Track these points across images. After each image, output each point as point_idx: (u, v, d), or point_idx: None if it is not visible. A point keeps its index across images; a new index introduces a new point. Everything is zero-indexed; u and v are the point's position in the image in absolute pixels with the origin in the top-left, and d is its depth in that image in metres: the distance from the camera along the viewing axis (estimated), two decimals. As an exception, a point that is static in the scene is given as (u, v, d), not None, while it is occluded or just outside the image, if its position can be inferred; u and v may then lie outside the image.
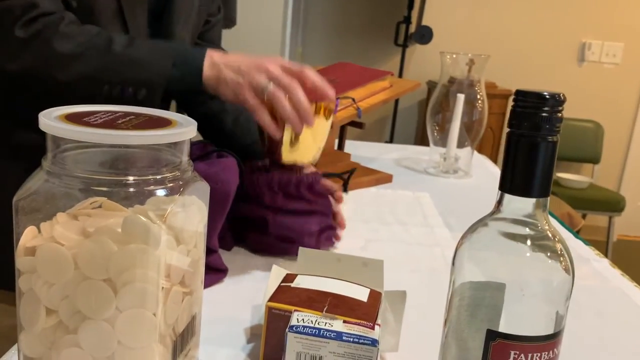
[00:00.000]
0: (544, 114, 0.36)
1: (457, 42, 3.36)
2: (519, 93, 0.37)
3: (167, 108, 0.93)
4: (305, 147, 0.78)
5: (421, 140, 3.26)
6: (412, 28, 3.19)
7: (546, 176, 0.37)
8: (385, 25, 3.37)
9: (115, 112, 0.43)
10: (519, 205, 0.38)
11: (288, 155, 0.78)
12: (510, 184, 0.38)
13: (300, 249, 0.63)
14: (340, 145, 1.32)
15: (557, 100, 0.36)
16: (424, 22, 3.07)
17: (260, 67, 0.72)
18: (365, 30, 3.42)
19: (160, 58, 0.73)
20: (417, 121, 3.56)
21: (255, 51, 2.35)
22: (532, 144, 0.37)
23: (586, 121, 3.40)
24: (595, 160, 3.43)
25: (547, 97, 0.36)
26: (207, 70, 0.73)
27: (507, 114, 3.06)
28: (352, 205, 1.06)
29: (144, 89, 0.72)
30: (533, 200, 0.38)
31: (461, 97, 1.30)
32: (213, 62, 0.73)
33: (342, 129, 1.31)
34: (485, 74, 1.34)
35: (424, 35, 2.98)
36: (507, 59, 3.36)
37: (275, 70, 0.72)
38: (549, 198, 0.38)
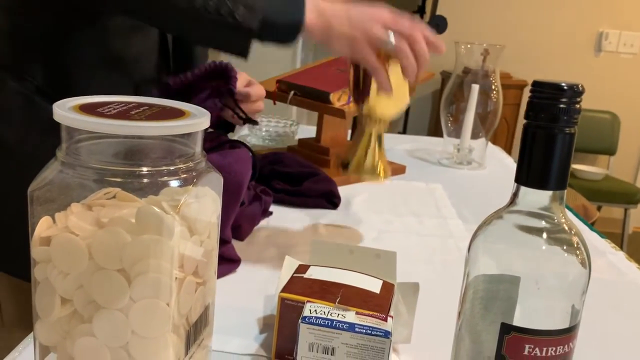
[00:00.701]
0: (561, 105, 0.35)
1: (471, 31, 3.32)
2: (536, 84, 0.36)
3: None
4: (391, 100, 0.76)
5: (435, 131, 3.24)
6: (427, 18, 3.16)
7: (563, 169, 0.37)
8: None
9: (129, 103, 0.43)
10: (535, 198, 0.38)
11: (374, 105, 0.76)
12: (527, 176, 0.37)
13: (313, 240, 0.63)
14: (353, 136, 1.31)
15: (575, 91, 0.35)
16: (438, 12, 3.04)
17: (373, 17, 0.67)
18: (378, 20, 3.40)
19: None
20: (431, 112, 3.54)
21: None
22: (549, 135, 0.36)
23: (602, 112, 3.35)
24: (611, 151, 3.39)
25: (565, 87, 0.35)
26: (311, 15, 0.67)
27: (522, 104, 3.02)
28: (365, 196, 1.05)
29: (242, 7, 0.65)
30: (549, 193, 0.37)
31: (475, 88, 1.28)
32: (318, 7, 0.67)
33: (355, 119, 1.30)
34: (500, 64, 1.33)
35: (439, 24, 2.93)
36: (522, 49, 3.31)
37: (393, 20, 0.67)
38: (565, 191, 0.38)
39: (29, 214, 0.40)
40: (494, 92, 1.31)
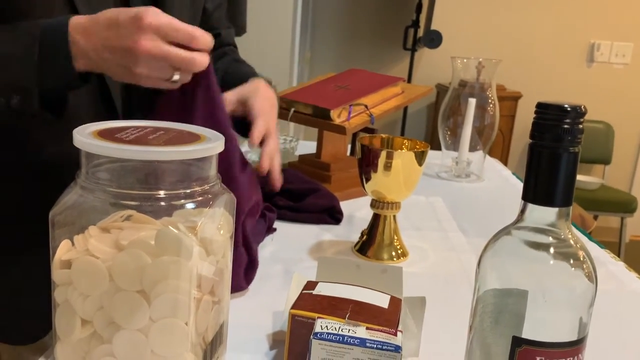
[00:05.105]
0: (565, 126, 0.37)
1: (464, 45, 3.36)
2: (540, 105, 0.38)
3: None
4: (394, 184, 0.82)
5: (431, 143, 3.27)
6: (420, 32, 3.20)
7: (568, 186, 0.38)
8: (394, 30, 3.38)
9: (145, 128, 0.44)
10: (542, 215, 0.39)
11: (384, 191, 0.82)
12: (533, 193, 0.39)
13: (320, 257, 0.64)
14: (353, 151, 1.33)
15: (578, 113, 0.37)
16: (432, 26, 3.08)
17: (135, 51, 0.57)
18: (373, 35, 3.43)
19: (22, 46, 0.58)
20: (427, 125, 3.57)
21: (265, 57, 2.38)
22: (554, 155, 0.37)
23: (596, 122, 3.39)
24: (606, 161, 3.42)
25: (569, 109, 0.37)
26: (80, 62, 0.60)
27: (517, 116, 3.00)
28: (367, 211, 1.06)
29: (17, 95, 0.58)
30: (555, 209, 0.39)
31: (472, 102, 1.30)
32: (79, 48, 0.59)
33: (355, 135, 1.31)
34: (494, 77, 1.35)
35: (434, 39, 2.98)
36: (515, 61, 3.35)
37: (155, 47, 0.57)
38: (571, 207, 0.39)
39: (50, 237, 0.42)
40: (491, 105, 1.33)
